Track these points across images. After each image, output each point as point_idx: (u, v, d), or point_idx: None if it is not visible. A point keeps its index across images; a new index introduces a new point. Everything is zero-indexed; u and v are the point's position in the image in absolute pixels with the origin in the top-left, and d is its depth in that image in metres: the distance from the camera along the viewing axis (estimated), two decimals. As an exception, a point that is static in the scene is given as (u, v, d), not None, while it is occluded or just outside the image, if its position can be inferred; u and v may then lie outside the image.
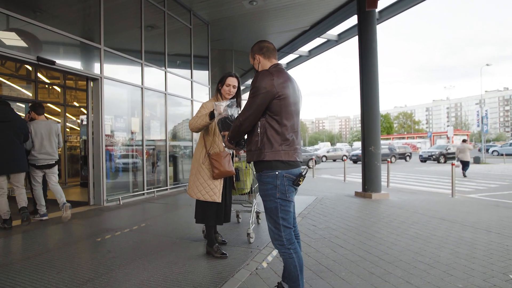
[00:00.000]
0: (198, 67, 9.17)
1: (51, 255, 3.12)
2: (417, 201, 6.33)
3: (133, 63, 6.70)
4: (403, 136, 57.89)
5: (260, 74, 1.86)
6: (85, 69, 5.72)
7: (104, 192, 5.78)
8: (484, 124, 23.63)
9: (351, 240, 3.60)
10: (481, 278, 2.59)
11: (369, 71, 6.92)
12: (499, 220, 4.64)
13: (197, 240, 3.56)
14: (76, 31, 5.52)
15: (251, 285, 2.43)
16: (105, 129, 5.88)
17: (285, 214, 1.86)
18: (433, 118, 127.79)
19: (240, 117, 1.86)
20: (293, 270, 1.84)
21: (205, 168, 2.99)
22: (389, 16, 8.48)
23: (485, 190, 8.50)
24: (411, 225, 4.29)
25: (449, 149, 22.44)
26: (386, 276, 2.62)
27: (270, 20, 9.65)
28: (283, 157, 1.83)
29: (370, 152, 6.82)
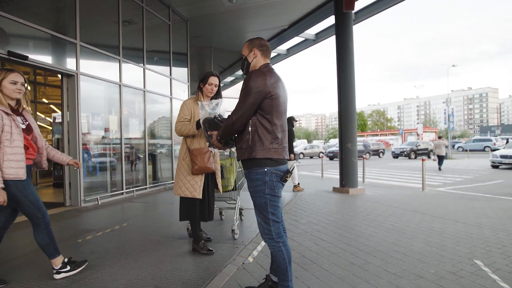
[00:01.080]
0: (177, 64, 9.05)
1: (29, 258, 3.02)
2: (391, 195, 6.66)
3: (110, 59, 6.52)
4: (377, 133, 60.01)
5: (253, 74, 1.92)
6: (60, 65, 5.50)
7: (82, 192, 5.60)
8: (450, 121, 25.03)
9: (331, 234, 3.76)
10: (450, 264, 2.82)
11: (346, 70, 7.17)
12: (464, 211, 5.01)
13: (181, 238, 3.58)
14: (49, 25, 5.28)
15: (239, 279, 2.50)
16: (82, 127, 5.70)
17: (274, 209, 1.94)
18: (404, 116, 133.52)
19: (232, 116, 1.91)
20: (282, 262, 1.93)
21: (185, 164, 3.03)
22: (365, 17, 8.78)
23: (451, 184, 9.08)
24: (386, 218, 4.53)
25: (419, 146, 23.60)
26: (366, 265, 2.78)
27: (249, 18, 9.69)
28: (273, 155, 1.91)
29: (347, 149, 7.08)
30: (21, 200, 2.34)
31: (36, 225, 2.43)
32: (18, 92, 2.37)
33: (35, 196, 2.41)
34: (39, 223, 2.42)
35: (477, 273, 2.61)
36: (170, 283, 2.40)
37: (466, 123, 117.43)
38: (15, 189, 2.30)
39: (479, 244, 3.35)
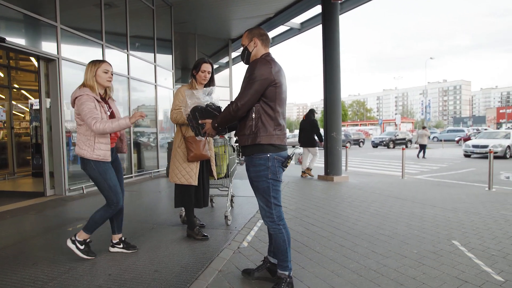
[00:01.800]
0: (161, 51, 8.85)
1: (20, 247, 2.97)
2: (373, 183, 6.94)
3: (93, 44, 6.29)
4: (357, 123, 61.41)
5: (258, 62, 1.96)
6: (40, 48, 5.25)
7: (66, 181, 5.48)
8: (427, 112, 26.04)
9: (320, 219, 3.92)
10: (430, 244, 3.03)
11: (332, 60, 7.28)
12: (441, 197, 5.32)
13: (174, 225, 3.61)
14: (27, 6, 5.01)
15: (236, 262, 2.59)
16: (64, 114, 5.52)
17: (275, 193, 2.02)
18: (383, 106, 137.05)
19: (237, 102, 1.94)
20: (282, 244, 2.02)
21: (180, 152, 3.05)
22: (351, 7, 8.88)
23: (428, 172, 9.54)
24: (370, 204, 4.75)
25: (398, 136, 24.42)
26: (355, 247, 2.95)
27: (235, 5, 9.56)
28: (276, 141, 1.98)
29: (332, 137, 7.27)
30: (101, 183, 2.51)
31: (108, 205, 2.57)
32: (109, 81, 2.60)
33: (114, 181, 2.54)
34: (111, 205, 2.57)
35: (454, 252, 2.84)
36: (169, 267, 2.45)
37: (441, 114, 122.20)
38: (97, 172, 2.49)
39: (455, 227, 3.61)
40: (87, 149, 2.46)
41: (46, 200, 5.07)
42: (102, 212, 2.58)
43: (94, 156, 2.46)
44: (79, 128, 2.52)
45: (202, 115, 2.26)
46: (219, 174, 3.68)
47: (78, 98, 2.45)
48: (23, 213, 4.28)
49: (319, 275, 2.37)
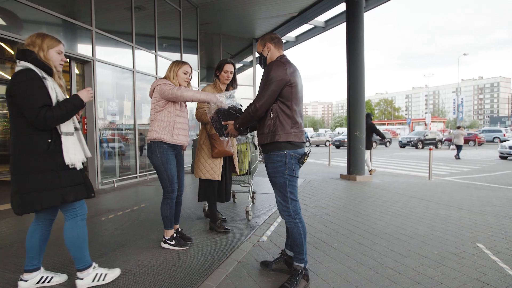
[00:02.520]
0: (187, 51, 9.14)
1: (61, 233, 3.25)
2: (397, 183, 6.80)
3: (124, 45, 6.65)
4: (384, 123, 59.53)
5: (274, 65, 2.06)
6: (77, 51, 5.65)
7: (99, 175, 5.86)
8: (459, 111, 24.78)
9: (340, 217, 3.94)
10: (453, 246, 2.98)
11: (356, 58, 7.19)
12: (470, 199, 5.14)
13: (198, 218, 3.79)
14: (65, 11, 5.41)
15: (255, 254, 2.71)
16: (98, 112, 5.89)
17: (292, 188, 2.11)
18: (412, 105, 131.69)
19: (255, 103, 2.05)
20: (298, 237, 2.11)
21: (205, 148, 3.19)
22: (376, 4, 8.70)
23: (458, 174, 9.15)
24: (393, 204, 4.69)
25: (427, 135, 23.47)
26: (373, 245, 2.96)
27: (259, 5, 9.66)
28: (293, 139, 2.07)
29: (355, 136, 7.19)
30: (161, 172, 2.69)
31: (164, 197, 2.77)
32: (186, 81, 2.81)
33: (173, 172, 2.72)
34: (167, 195, 2.75)
35: (478, 255, 2.77)
36: (192, 256, 2.61)
37: (476, 113, 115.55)
38: (160, 161, 2.66)
39: (482, 230, 3.50)
40: (166, 133, 2.64)
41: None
42: (164, 205, 2.77)
43: (172, 140, 2.66)
44: (157, 115, 2.68)
45: (225, 117, 2.41)
46: (241, 170, 3.81)
47: (159, 85, 2.64)
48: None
49: (335, 270, 2.43)
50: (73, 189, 1.97)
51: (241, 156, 3.77)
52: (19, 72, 1.87)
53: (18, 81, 1.85)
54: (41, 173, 1.89)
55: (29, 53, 1.91)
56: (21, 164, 1.88)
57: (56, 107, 1.89)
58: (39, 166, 1.88)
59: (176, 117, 2.70)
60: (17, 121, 1.89)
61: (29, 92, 1.83)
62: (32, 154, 1.88)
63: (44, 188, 1.89)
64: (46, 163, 1.90)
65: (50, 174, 1.90)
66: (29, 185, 1.87)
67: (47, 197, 1.90)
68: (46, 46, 1.97)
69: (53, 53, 2.00)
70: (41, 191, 1.88)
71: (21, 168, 1.88)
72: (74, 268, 2.14)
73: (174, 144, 2.71)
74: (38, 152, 1.88)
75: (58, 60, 2.03)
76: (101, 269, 2.21)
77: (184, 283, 2.16)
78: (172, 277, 2.25)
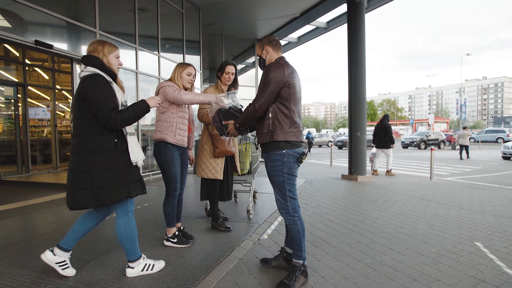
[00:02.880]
0: (190, 52, 9.22)
1: (66, 231, 3.33)
2: (398, 183, 6.83)
3: (127, 47, 6.73)
4: (386, 123, 59.16)
5: (272, 66, 2.13)
6: (80, 53, 5.73)
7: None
8: (462, 112, 24.69)
9: (340, 216, 3.99)
10: (451, 244, 3.02)
11: (357, 59, 7.23)
12: (470, 199, 5.16)
13: (200, 217, 3.86)
14: (69, 14, 5.50)
15: (255, 252, 2.76)
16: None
17: (290, 186, 2.17)
18: (416, 106, 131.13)
19: (254, 103, 2.11)
20: (296, 234, 2.17)
21: (207, 148, 3.26)
22: (377, 5, 8.74)
23: (460, 174, 9.15)
24: (393, 204, 4.73)
25: (430, 136, 23.39)
26: (372, 244, 3.01)
27: (261, 6, 9.72)
28: (291, 138, 2.13)
29: (357, 137, 7.23)
30: (165, 170, 2.78)
31: (167, 195, 2.84)
32: (189, 82, 2.89)
33: (176, 171, 2.80)
34: (169, 194, 2.83)
35: (475, 253, 2.81)
36: (194, 254, 2.67)
37: (479, 113, 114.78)
38: (164, 160, 2.76)
39: (481, 229, 3.53)
40: (169, 134, 2.74)
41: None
42: (166, 203, 2.84)
43: (174, 140, 2.74)
44: (161, 116, 2.78)
45: (226, 117, 2.47)
46: (242, 170, 3.87)
47: (163, 87, 2.72)
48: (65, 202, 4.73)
49: (333, 267, 2.48)
50: (135, 186, 2.17)
51: (242, 156, 3.83)
52: (89, 76, 2.04)
53: (90, 85, 2.01)
54: (110, 170, 2.06)
55: (94, 58, 2.09)
56: (91, 162, 2.03)
57: (125, 110, 2.08)
58: (108, 164, 2.06)
59: (179, 118, 2.78)
60: (87, 123, 2.05)
61: (102, 95, 2.01)
62: (102, 153, 2.05)
63: (113, 184, 2.07)
64: (114, 161, 2.08)
65: (118, 171, 2.09)
66: (100, 181, 2.03)
67: (116, 193, 2.08)
68: (107, 51, 2.15)
69: (112, 58, 2.19)
70: (111, 187, 2.06)
71: (91, 166, 2.03)
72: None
73: (178, 144, 2.79)
74: (108, 151, 2.06)
75: (116, 64, 2.22)
76: (149, 260, 2.36)
77: (185, 279, 2.22)
78: (174, 273, 2.31)
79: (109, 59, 2.15)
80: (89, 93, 1.99)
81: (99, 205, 2.07)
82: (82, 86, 2.03)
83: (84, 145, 2.04)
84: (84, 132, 2.05)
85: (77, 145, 2.06)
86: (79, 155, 2.05)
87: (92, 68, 2.06)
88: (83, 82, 2.03)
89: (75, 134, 2.10)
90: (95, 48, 2.13)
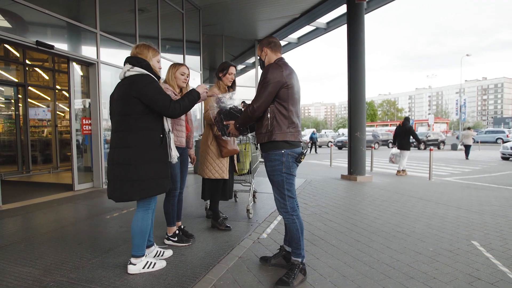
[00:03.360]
0: (190, 52, 9.25)
1: (67, 230, 3.38)
2: (398, 183, 6.86)
3: (127, 47, 6.76)
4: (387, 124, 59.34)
5: (270, 67, 2.16)
6: (81, 53, 5.77)
7: (103, 175, 5.97)
8: (462, 112, 24.73)
9: (339, 215, 4.02)
10: (448, 243, 3.06)
11: (356, 60, 7.27)
12: (469, 199, 5.20)
13: (199, 217, 3.89)
14: (70, 14, 5.53)
15: (255, 250, 2.80)
16: (103, 113, 6.01)
17: (289, 186, 2.20)
18: (416, 106, 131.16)
19: (253, 104, 2.15)
20: (295, 233, 2.20)
21: (213, 148, 3.28)
22: (377, 6, 8.78)
23: (459, 174, 9.19)
24: (392, 203, 4.76)
25: (429, 136, 23.44)
26: (370, 243, 3.05)
27: (261, 7, 9.76)
28: (290, 138, 2.16)
29: (356, 137, 7.26)
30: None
31: (167, 195, 2.89)
32: (183, 82, 2.92)
33: (176, 171, 2.82)
34: (170, 193, 2.87)
35: (472, 252, 2.85)
36: (194, 253, 2.71)
37: (479, 114, 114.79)
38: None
39: (478, 228, 3.57)
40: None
41: (86, 192, 5.58)
42: (166, 202, 2.88)
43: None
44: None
45: (227, 117, 2.50)
46: (242, 170, 3.90)
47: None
48: (67, 202, 4.77)
49: (332, 265, 2.52)
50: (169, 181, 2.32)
51: (242, 156, 3.86)
52: (141, 75, 2.18)
53: (146, 83, 2.14)
54: (157, 163, 2.20)
55: (142, 60, 2.24)
56: (138, 155, 2.15)
57: (181, 99, 2.26)
58: (154, 157, 2.19)
59: (175, 120, 2.80)
60: (135, 118, 2.16)
61: (159, 90, 2.17)
62: (149, 147, 2.18)
63: (158, 176, 2.20)
64: (160, 154, 2.23)
65: (163, 165, 2.24)
66: (147, 173, 2.15)
67: (161, 185, 2.23)
68: (151, 55, 2.31)
69: (155, 61, 2.35)
70: (157, 179, 2.20)
71: (138, 159, 2.14)
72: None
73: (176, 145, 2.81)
74: (154, 145, 2.20)
75: (157, 67, 2.38)
76: (151, 258, 2.41)
77: (186, 276, 2.26)
78: (175, 271, 2.35)
79: (153, 62, 2.30)
80: (147, 89, 2.12)
81: (143, 197, 2.18)
82: (133, 84, 2.14)
83: (131, 139, 2.15)
84: (131, 126, 2.16)
85: (123, 139, 2.17)
86: (125, 149, 2.15)
87: (139, 69, 2.18)
88: (135, 80, 2.14)
89: (119, 129, 2.20)
90: (141, 51, 2.28)
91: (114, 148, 2.21)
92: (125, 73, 2.21)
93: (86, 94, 6.09)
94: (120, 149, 2.17)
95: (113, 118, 2.26)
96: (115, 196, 2.20)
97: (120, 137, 2.19)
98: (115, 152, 2.19)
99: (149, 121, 2.19)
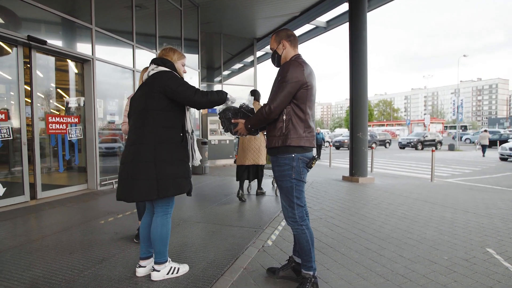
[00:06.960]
0: (188, 51, 9.04)
1: (58, 237, 3.17)
2: (400, 185, 6.73)
3: (124, 44, 6.55)
4: (383, 124, 59.57)
5: (291, 65, 1.96)
6: (76, 50, 5.54)
7: (98, 176, 5.76)
8: (459, 113, 24.73)
9: (345, 220, 3.86)
10: (463, 251, 2.90)
11: (359, 59, 7.12)
12: (474, 202, 5.07)
13: (199, 222, 3.70)
14: (64, 9, 5.30)
15: (261, 260, 2.62)
16: (97, 112, 5.79)
17: (299, 193, 2.02)
18: (411, 106, 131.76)
19: (270, 105, 1.95)
20: (305, 244, 2.02)
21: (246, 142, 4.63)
22: (379, 4, 8.64)
23: (460, 175, 9.10)
24: (398, 207, 4.61)
25: (427, 137, 23.44)
26: (381, 251, 2.88)
27: (260, 5, 9.57)
28: (305, 144, 1.98)
29: (358, 138, 7.11)
30: None
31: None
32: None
33: None
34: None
35: (489, 261, 2.70)
36: (196, 263, 2.52)
37: (474, 114, 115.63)
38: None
39: (490, 234, 3.43)
40: None
41: (80, 194, 5.36)
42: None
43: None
44: None
45: (236, 115, 2.32)
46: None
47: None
48: (60, 205, 4.55)
49: (344, 277, 2.35)
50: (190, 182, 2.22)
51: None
52: (164, 71, 2.16)
53: (169, 77, 2.11)
54: (177, 162, 2.11)
55: (166, 61, 2.25)
56: (158, 152, 2.05)
57: (210, 92, 2.18)
58: (174, 156, 2.11)
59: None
60: (161, 115, 2.09)
61: (183, 82, 2.13)
62: (169, 144, 2.10)
63: (176, 175, 2.10)
64: (180, 153, 2.16)
65: (182, 164, 2.15)
66: (165, 172, 2.05)
67: (180, 185, 2.12)
68: (176, 58, 2.33)
69: (179, 65, 2.36)
70: (176, 179, 2.09)
71: (157, 156, 2.04)
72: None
73: None
74: (174, 142, 2.13)
75: (182, 70, 2.39)
76: (174, 263, 2.33)
77: (188, 291, 2.07)
78: (176, 284, 2.16)
79: (178, 65, 2.31)
80: (170, 81, 2.08)
81: (161, 196, 2.05)
82: (155, 79, 2.11)
83: (150, 135, 2.06)
84: (150, 122, 2.08)
85: (140, 136, 2.07)
86: (145, 145, 2.05)
87: (163, 68, 2.19)
88: (158, 76, 2.12)
89: (138, 125, 2.11)
90: (167, 53, 2.31)
91: (130, 146, 2.10)
92: (149, 73, 2.20)
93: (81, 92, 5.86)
94: (137, 146, 2.07)
95: (132, 116, 2.18)
96: (129, 196, 2.05)
97: (138, 134, 2.09)
98: (132, 149, 2.09)
99: (169, 118, 2.12)
